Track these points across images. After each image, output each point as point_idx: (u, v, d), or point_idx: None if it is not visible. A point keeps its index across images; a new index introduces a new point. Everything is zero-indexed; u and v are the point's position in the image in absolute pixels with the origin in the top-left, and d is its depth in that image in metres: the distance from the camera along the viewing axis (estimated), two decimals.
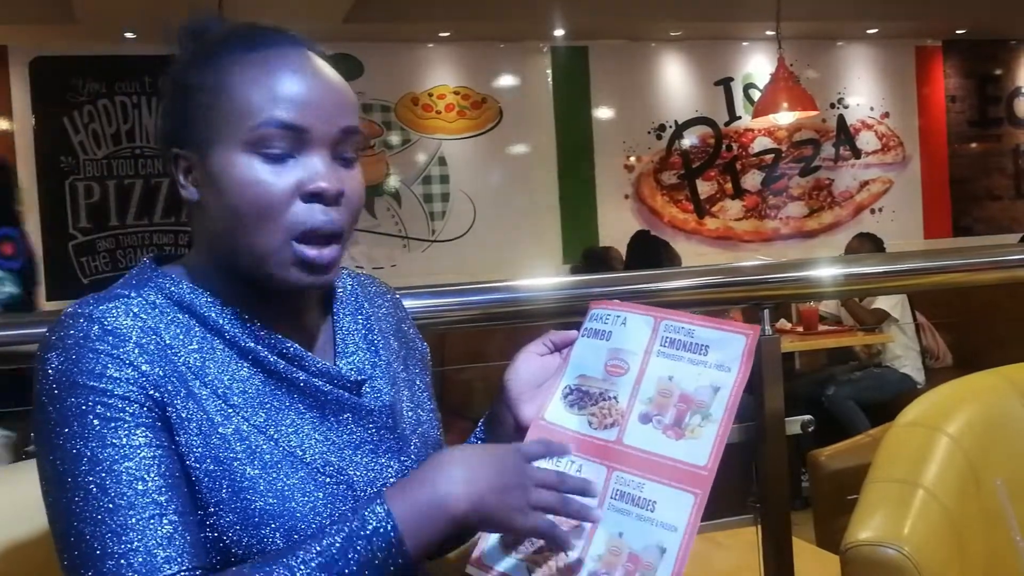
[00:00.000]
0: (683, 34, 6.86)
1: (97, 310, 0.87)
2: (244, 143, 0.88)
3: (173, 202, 5.70)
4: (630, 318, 0.98)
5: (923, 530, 1.14)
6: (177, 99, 0.92)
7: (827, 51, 7.25)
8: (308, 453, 0.89)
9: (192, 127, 0.91)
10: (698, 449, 0.88)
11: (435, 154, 6.53)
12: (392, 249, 6.40)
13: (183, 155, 0.92)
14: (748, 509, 1.82)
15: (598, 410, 0.95)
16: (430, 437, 1.03)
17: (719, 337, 0.93)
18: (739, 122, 7.06)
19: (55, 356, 0.84)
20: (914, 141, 7.45)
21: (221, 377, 0.89)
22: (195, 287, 0.92)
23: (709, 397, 0.91)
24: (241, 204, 0.88)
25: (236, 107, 0.88)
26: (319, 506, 0.88)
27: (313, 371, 0.92)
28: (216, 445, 0.86)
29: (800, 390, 4.50)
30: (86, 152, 5.91)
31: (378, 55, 6.25)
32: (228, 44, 0.92)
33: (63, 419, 0.83)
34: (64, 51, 5.84)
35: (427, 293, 1.73)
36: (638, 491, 0.88)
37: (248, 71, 0.89)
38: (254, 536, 0.85)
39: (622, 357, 0.97)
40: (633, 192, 6.91)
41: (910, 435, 1.29)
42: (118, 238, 5.95)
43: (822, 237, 7.22)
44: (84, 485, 0.81)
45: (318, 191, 0.89)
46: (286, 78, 0.89)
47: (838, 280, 1.92)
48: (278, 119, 0.88)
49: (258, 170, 0.88)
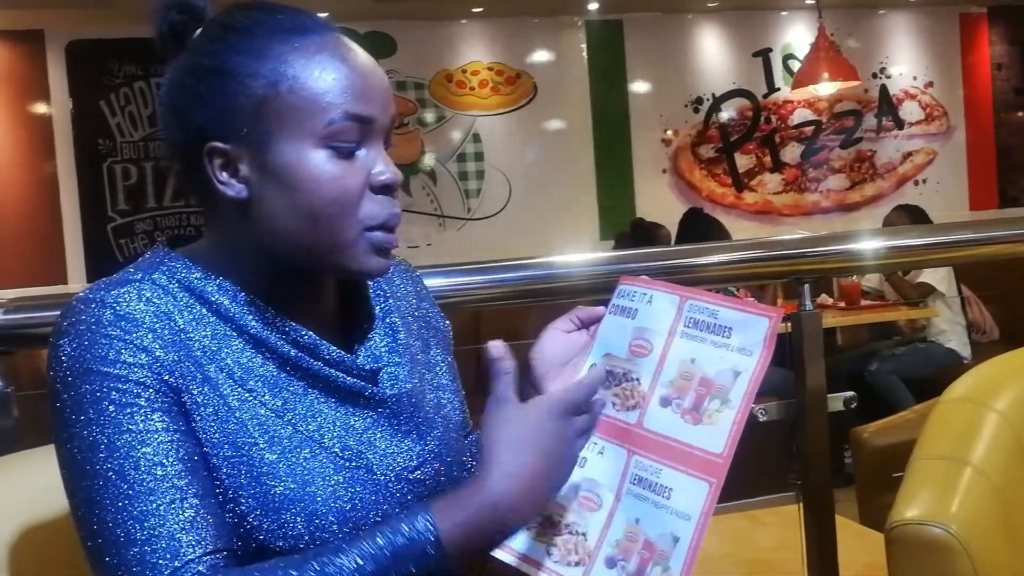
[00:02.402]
0: (720, 5, 6.76)
1: (109, 295, 0.85)
2: (317, 137, 0.85)
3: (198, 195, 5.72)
4: (656, 296, 0.96)
5: (971, 508, 1.11)
6: (214, 88, 0.86)
7: (869, 19, 7.11)
8: (327, 437, 0.88)
9: (240, 120, 0.85)
10: (715, 435, 0.86)
11: (469, 131, 6.51)
12: (427, 227, 6.40)
13: (224, 149, 0.86)
14: (789, 486, 1.79)
15: (621, 391, 0.94)
16: (453, 419, 1.02)
17: (742, 319, 0.90)
18: (778, 94, 6.96)
19: (67, 343, 0.83)
20: (959, 111, 7.30)
21: (236, 363, 0.87)
22: (207, 274, 0.90)
23: (729, 382, 0.88)
24: (318, 200, 0.85)
25: (303, 100, 0.85)
26: (339, 490, 0.86)
27: (328, 360, 0.90)
28: (233, 430, 0.85)
29: (842, 366, 4.45)
30: (123, 135, 5.96)
31: (411, 32, 6.23)
32: (270, 29, 0.87)
33: (78, 406, 0.82)
34: (100, 34, 5.88)
35: (462, 271, 1.72)
36: (655, 477, 0.87)
37: (306, 61, 0.86)
38: (275, 521, 0.84)
39: (647, 337, 0.94)
40: (671, 167, 6.84)
41: (958, 411, 1.25)
42: (156, 220, 6.01)
43: (864, 210, 7.10)
44: (103, 472, 0.80)
45: (389, 183, 0.89)
46: (350, 69, 0.87)
47: (881, 253, 1.88)
48: (353, 113, 0.86)
49: (334, 165, 0.86)
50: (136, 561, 0.79)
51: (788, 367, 1.66)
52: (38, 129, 5.90)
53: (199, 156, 0.87)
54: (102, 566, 0.80)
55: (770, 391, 1.12)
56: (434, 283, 1.62)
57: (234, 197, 0.87)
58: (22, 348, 1.45)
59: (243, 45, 0.87)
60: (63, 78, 5.90)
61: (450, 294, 1.66)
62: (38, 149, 5.90)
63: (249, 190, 0.87)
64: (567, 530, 0.89)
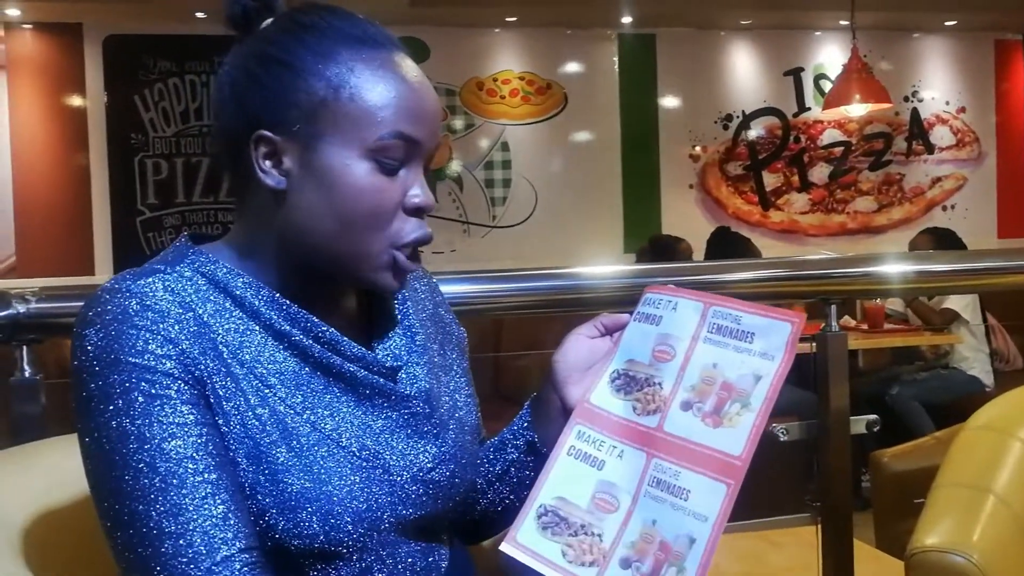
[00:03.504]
0: (753, 23, 6.74)
1: (135, 285, 0.85)
2: (366, 149, 0.87)
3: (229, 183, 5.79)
4: (681, 303, 0.97)
5: (993, 538, 1.10)
6: (277, 79, 0.87)
7: (903, 42, 7.07)
8: (344, 436, 0.88)
9: (296, 115, 0.87)
10: (734, 438, 0.87)
11: (498, 139, 6.52)
12: (452, 234, 6.41)
13: (272, 139, 0.87)
14: (806, 507, 1.78)
15: (643, 395, 0.94)
16: (468, 422, 1.02)
17: (765, 324, 0.91)
18: (808, 113, 6.93)
19: (94, 332, 0.83)
20: (990, 137, 7.24)
21: (258, 358, 0.88)
22: (231, 268, 0.90)
23: (750, 386, 0.89)
24: (353, 208, 0.87)
25: (360, 110, 0.86)
26: (355, 490, 0.86)
27: (348, 356, 0.91)
28: (253, 426, 0.85)
29: (863, 389, 4.42)
30: (155, 130, 6.02)
31: (444, 39, 6.25)
32: (342, 35, 0.88)
33: (106, 396, 0.81)
34: (137, 30, 5.94)
35: (487, 278, 1.72)
36: (674, 479, 0.87)
37: (371, 73, 0.87)
38: (291, 520, 0.84)
39: (670, 343, 0.95)
40: (698, 182, 6.82)
41: (981, 439, 1.24)
42: (184, 215, 6.06)
43: (891, 233, 7.05)
44: (134, 464, 0.80)
45: (423, 206, 0.90)
46: (409, 89, 0.88)
47: (908, 277, 1.87)
48: (404, 133, 0.88)
49: (376, 179, 0.87)
50: (172, 555, 0.78)
51: (809, 388, 1.65)
52: (73, 121, 5.96)
53: (246, 141, 0.88)
54: (134, 558, 0.80)
55: (791, 411, 1.12)
56: (459, 289, 1.63)
57: (272, 187, 0.88)
58: (51, 337, 1.46)
59: (314, 44, 0.88)
60: (99, 72, 5.96)
61: (475, 301, 1.66)
62: (72, 141, 5.96)
63: (289, 182, 0.88)
64: (583, 531, 0.89)
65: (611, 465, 0.92)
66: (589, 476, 0.92)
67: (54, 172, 5.95)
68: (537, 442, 1.03)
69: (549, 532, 0.90)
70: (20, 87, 5.89)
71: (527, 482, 0.96)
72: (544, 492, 0.92)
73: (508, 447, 1.07)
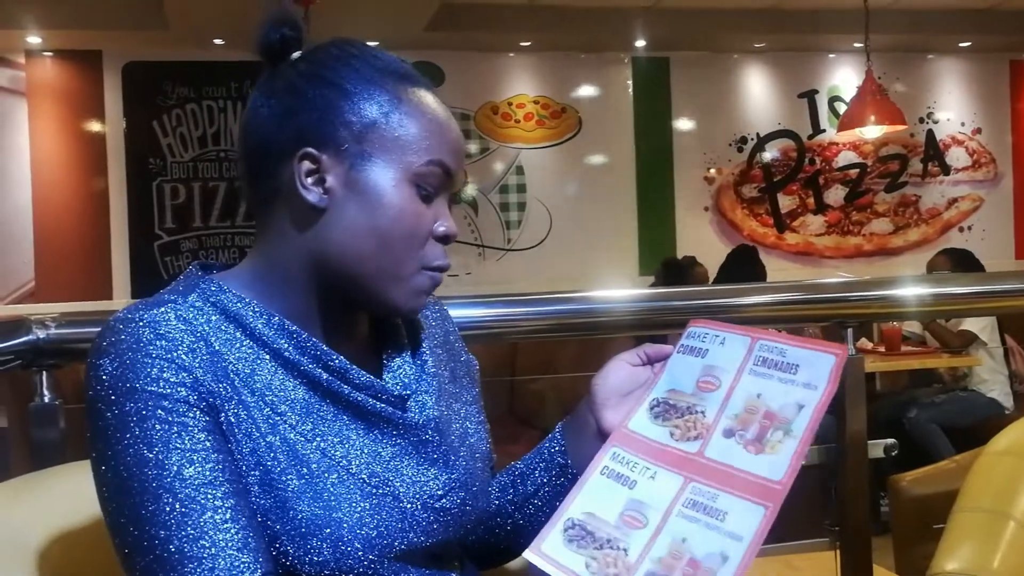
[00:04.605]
0: (767, 46, 6.76)
1: (148, 314, 0.86)
2: (410, 173, 0.90)
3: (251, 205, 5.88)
4: (729, 338, 0.99)
5: (1014, 563, 1.09)
6: (327, 100, 0.90)
7: (917, 64, 7.07)
8: (354, 464, 0.89)
9: (345, 135, 0.90)
10: (775, 464, 0.87)
11: (513, 163, 6.55)
12: (467, 257, 6.43)
13: (318, 157, 0.90)
14: (824, 532, 1.77)
15: (683, 423, 0.95)
16: (479, 449, 1.02)
17: (809, 356, 0.93)
18: (823, 135, 6.93)
19: (108, 362, 0.83)
20: (1007, 158, 7.22)
21: (268, 386, 0.88)
22: (241, 296, 0.91)
23: (793, 414, 0.90)
24: (393, 228, 0.90)
25: (410, 135, 0.90)
26: (365, 517, 0.87)
27: (357, 384, 0.91)
28: (263, 453, 0.86)
29: (880, 412, 4.38)
30: (173, 155, 6.07)
31: (459, 63, 6.30)
32: (388, 67, 0.93)
33: (122, 424, 0.82)
34: (155, 57, 6.02)
35: (501, 302, 1.72)
36: (711, 502, 0.88)
37: (417, 102, 0.92)
38: (301, 546, 0.84)
39: (715, 374, 0.97)
40: (713, 205, 6.82)
41: (1001, 463, 1.23)
42: (201, 239, 6.10)
43: (907, 255, 7.03)
44: (153, 490, 0.80)
45: (450, 234, 0.95)
46: (448, 125, 0.94)
47: (925, 300, 1.86)
48: (444, 162, 0.92)
49: (416, 203, 0.91)
50: None
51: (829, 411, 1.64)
52: (92, 147, 6.03)
53: (287, 159, 0.90)
54: None
55: None
56: (475, 313, 1.63)
57: (313, 203, 0.90)
58: (70, 362, 1.47)
59: (364, 71, 0.92)
60: (118, 98, 6.03)
61: (490, 325, 1.66)
62: (91, 166, 6.03)
63: (330, 200, 0.90)
64: (608, 545, 0.89)
65: (643, 485, 0.92)
66: (620, 494, 0.92)
67: (73, 197, 6.01)
68: (569, 465, 1.04)
69: (575, 544, 0.90)
70: (41, 114, 5.96)
71: (556, 504, 0.96)
72: (573, 507, 0.93)
73: (538, 470, 1.07)
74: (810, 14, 6.20)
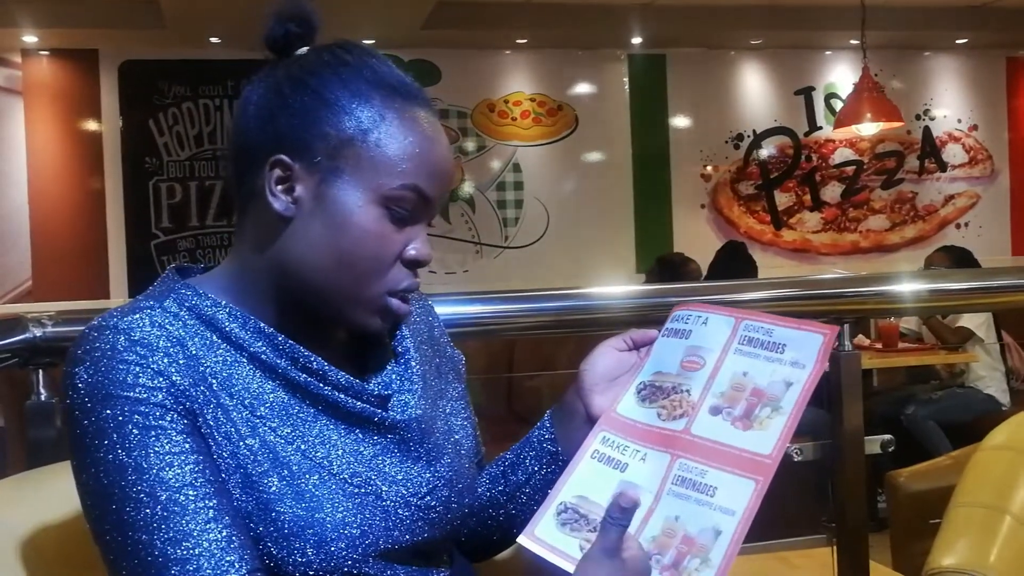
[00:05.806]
0: (763, 43, 6.76)
1: (122, 321, 0.85)
2: (381, 195, 0.87)
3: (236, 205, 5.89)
4: (711, 318, 0.99)
5: (1010, 558, 1.09)
6: (308, 109, 0.88)
7: (914, 61, 7.08)
8: (335, 464, 0.88)
9: (319, 147, 0.87)
10: (764, 439, 0.88)
11: (510, 160, 6.55)
12: (465, 255, 6.43)
13: (290, 165, 0.88)
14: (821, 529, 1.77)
15: (668, 402, 0.96)
16: (464, 446, 1.02)
17: (797, 336, 0.93)
18: (819, 132, 6.94)
19: (83, 370, 0.83)
20: (1003, 154, 7.23)
21: (246, 389, 0.88)
22: (217, 301, 0.90)
23: (781, 392, 0.90)
24: (355, 249, 0.87)
25: (384, 157, 0.87)
26: (348, 516, 0.86)
27: (337, 385, 0.90)
28: (243, 456, 0.85)
29: (877, 408, 4.39)
30: (170, 153, 6.07)
31: (455, 61, 6.29)
32: (380, 79, 0.89)
33: (100, 431, 0.82)
34: (152, 55, 6.01)
35: (499, 299, 1.72)
36: (700, 477, 0.88)
37: (400, 123, 0.88)
38: (285, 548, 0.84)
39: (700, 354, 0.97)
40: (709, 202, 6.83)
41: (998, 459, 1.23)
42: (198, 238, 6.09)
43: (904, 252, 7.04)
44: (134, 495, 0.80)
45: (422, 260, 0.91)
46: (433, 149, 0.90)
47: (922, 296, 1.86)
48: (420, 188, 0.89)
49: (384, 226, 0.88)
50: None
51: (823, 407, 1.65)
52: (88, 145, 6.02)
53: (262, 162, 0.89)
54: None
55: (805, 431, 1.12)
56: (472, 310, 1.63)
57: (278, 211, 0.88)
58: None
59: (351, 83, 0.89)
60: (115, 97, 6.02)
61: (488, 322, 1.66)
62: (87, 165, 6.02)
63: (297, 211, 0.88)
64: None
65: (634, 467, 0.93)
66: (611, 477, 0.92)
67: (70, 196, 6.01)
68: (560, 452, 1.03)
69: (568, 528, 0.91)
70: (37, 113, 5.95)
71: (548, 492, 0.96)
72: (565, 491, 0.93)
73: (528, 458, 1.06)
74: (807, 11, 6.20)
